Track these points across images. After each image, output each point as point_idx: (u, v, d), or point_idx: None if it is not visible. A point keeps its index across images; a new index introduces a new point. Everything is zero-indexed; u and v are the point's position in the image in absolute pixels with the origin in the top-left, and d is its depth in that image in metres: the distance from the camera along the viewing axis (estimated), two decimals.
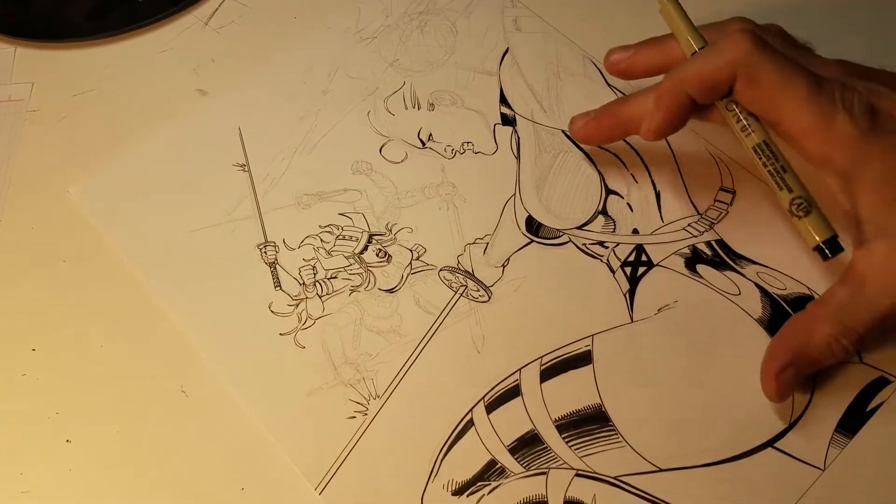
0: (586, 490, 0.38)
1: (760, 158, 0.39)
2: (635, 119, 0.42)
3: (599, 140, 0.46)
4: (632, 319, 0.42)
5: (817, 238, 0.37)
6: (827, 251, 0.37)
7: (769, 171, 0.39)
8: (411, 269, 0.44)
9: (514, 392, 0.40)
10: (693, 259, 0.43)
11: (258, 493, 0.39)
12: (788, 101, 0.37)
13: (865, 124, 0.37)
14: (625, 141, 0.47)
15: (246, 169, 0.47)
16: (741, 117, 0.39)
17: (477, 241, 0.45)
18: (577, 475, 0.38)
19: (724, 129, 0.45)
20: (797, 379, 0.38)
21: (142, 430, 0.40)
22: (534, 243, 0.45)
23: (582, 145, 0.47)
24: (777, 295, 0.42)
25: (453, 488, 0.38)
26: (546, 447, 0.39)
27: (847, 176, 0.37)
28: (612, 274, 0.43)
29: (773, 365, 0.38)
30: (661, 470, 0.38)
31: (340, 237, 0.45)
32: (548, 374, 0.41)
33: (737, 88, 0.39)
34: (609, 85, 0.49)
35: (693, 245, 0.44)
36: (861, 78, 0.39)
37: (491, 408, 0.40)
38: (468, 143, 0.48)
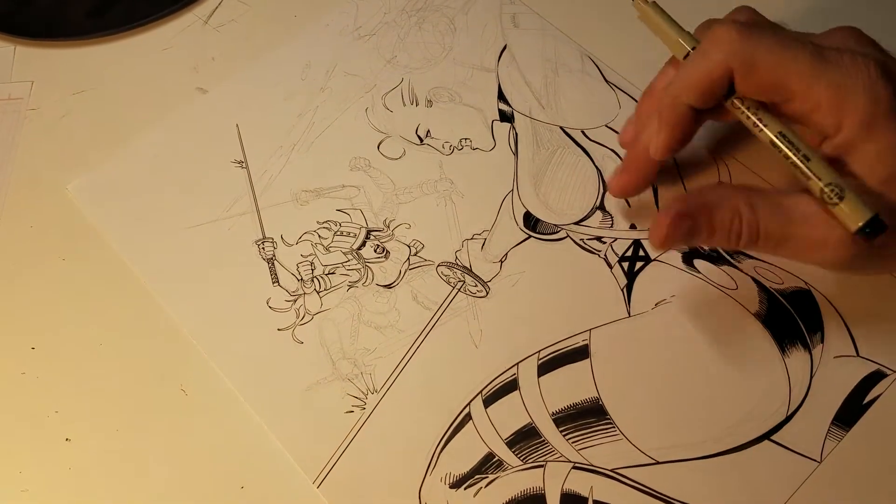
0: (583, 482, 0.38)
1: (781, 151, 0.36)
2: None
3: (640, 184, 0.43)
4: (629, 314, 0.42)
5: (858, 221, 0.34)
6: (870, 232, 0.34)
7: (792, 163, 0.36)
8: (409, 264, 0.44)
9: (511, 386, 0.40)
10: (690, 254, 0.43)
11: (258, 490, 0.39)
12: (794, 77, 0.35)
13: (883, 92, 0.34)
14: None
15: (244, 165, 0.48)
16: (750, 113, 0.37)
17: (475, 236, 0.45)
18: (575, 468, 0.38)
19: (721, 125, 0.46)
20: (688, 235, 0.36)
21: (141, 429, 0.41)
22: (531, 239, 0.45)
23: (624, 196, 0.45)
24: (774, 290, 0.42)
25: (451, 481, 0.38)
26: (543, 440, 0.39)
27: (848, 146, 0.35)
28: (609, 269, 0.43)
29: (674, 206, 0.36)
30: (658, 462, 0.38)
31: (338, 233, 0.45)
32: (545, 368, 0.41)
33: (737, 82, 0.37)
34: (607, 82, 0.49)
35: None
36: (855, 43, 0.37)
37: (489, 401, 0.40)
38: (466, 139, 0.48)
